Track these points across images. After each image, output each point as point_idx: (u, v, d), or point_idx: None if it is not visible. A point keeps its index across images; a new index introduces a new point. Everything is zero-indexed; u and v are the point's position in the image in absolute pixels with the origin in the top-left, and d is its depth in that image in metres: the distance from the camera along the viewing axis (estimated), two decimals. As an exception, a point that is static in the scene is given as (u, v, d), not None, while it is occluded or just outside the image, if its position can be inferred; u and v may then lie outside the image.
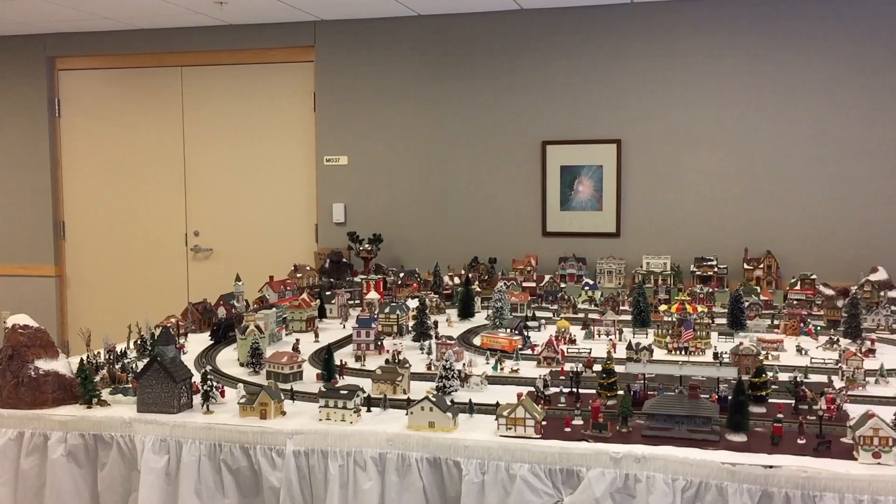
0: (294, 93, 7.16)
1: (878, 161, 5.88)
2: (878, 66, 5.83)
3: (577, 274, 6.12)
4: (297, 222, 7.25)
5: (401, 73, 6.80)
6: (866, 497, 2.56)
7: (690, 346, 4.17)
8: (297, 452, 3.05)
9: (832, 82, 5.93)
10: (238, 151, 7.33)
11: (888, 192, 5.87)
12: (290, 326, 4.82)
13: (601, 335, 4.58)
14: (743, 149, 6.13)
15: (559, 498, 2.83)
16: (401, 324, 4.67)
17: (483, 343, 4.32)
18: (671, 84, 6.24)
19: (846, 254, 5.90)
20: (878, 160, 5.88)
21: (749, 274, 5.85)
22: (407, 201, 6.87)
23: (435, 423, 3.02)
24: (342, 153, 6.98)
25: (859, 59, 5.86)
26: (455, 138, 6.73)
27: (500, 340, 4.24)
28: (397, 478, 2.98)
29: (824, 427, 2.90)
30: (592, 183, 6.44)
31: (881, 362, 3.75)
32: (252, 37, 7.07)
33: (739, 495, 2.66)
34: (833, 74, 5.92)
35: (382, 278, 5.93)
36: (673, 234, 6.27)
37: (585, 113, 6.43)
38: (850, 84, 5.89)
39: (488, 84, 6.62)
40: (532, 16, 6.46)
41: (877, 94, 5.85)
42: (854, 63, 5.87)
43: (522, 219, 6.62)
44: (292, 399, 3.40)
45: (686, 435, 2.88)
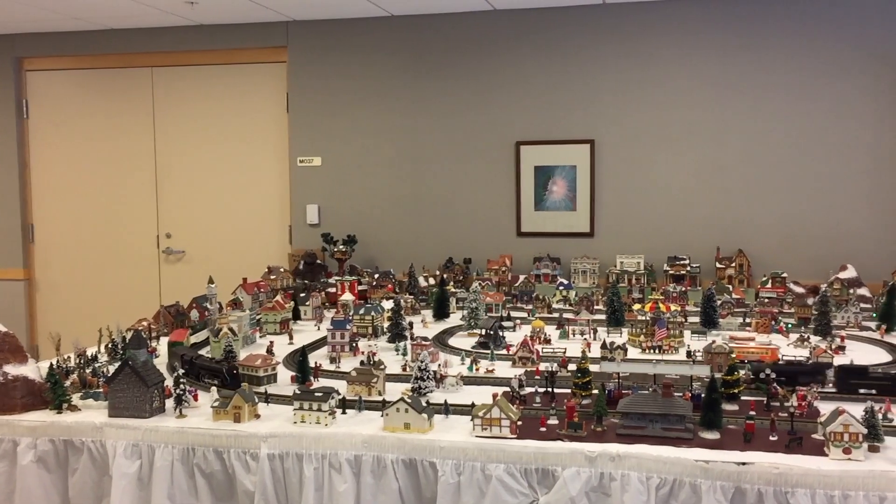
0: (267, 93, 7.11)
1: (847, 161, 5.96)
2: (847, 67, 5.91)
3: (552, 274, 6.14)
4: (271, 224, 7.20)
5: (374, 73, 6.78)
6: (837, 492, 2.59)
7: (664, 344, 4.20)
8: (271, 456, 3.03)
9: (802, 83, 6.00)
10: (210, 153, 7.27)
11: (856, 191, 5.96)
12: (265, 329, 4.79)
13: (576, 335, 4.60)
14: (715, 149, 6.19)
15: (535, 498, 2.84)
16: (376, 325, 4.66)
17: (738, 356, 3.80)
18: (644, 84, 6.28)
19: (816, 252, 5.98)
20: (846, 160, 5.96)
21: (721, 273, 5.90)
22: (381, 202, 6.85)
23: (410, 425, 3.01)
24: (316, 154, 6.95)
25: (829, 59, 5.94)
26: (429, 139, 6.73)
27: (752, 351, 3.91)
28: (373, 479, 2.97)
29: (796, 424, 2.93)
30: (566, 183, 6.47)
31: (851, 359, 3.79)
32: (223, 37, 7.01)
33: (713, 492, 2.68)
34: (803, 75, 5.99)
35: (357, 280, 5.92)
36: (646, 233, 6.31)
37: (559, 113, 6.45)
38: (819, 85, 5.97)
39: (462, 85, 6.62)
40: (505, 16, 6.47)
41: (846, 94, 5.93)
42: (824, 64, 5.95)
43: (497, 219, 6.63)
44: (266, 402, 3.37)
45: (660, 433, 2.90)
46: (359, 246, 6.67)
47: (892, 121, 5.86)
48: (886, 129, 5.87)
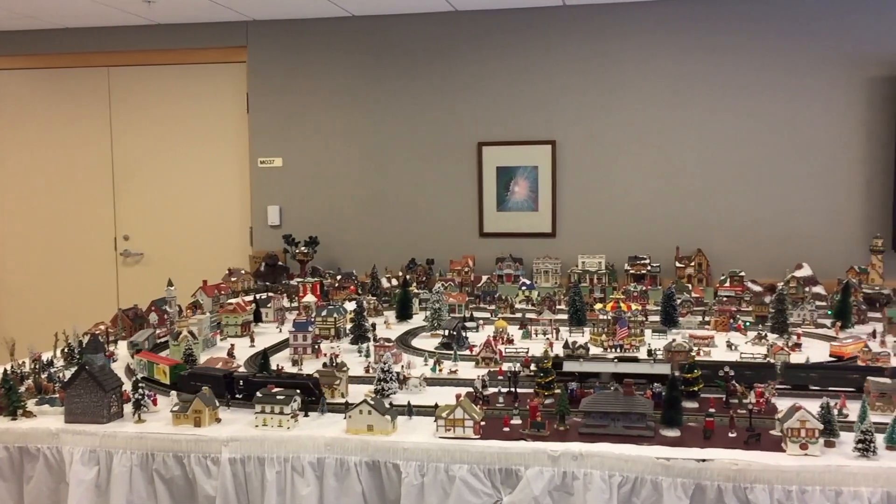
0: (226, 94, 7.04)
1: (802, 161, 6.07)
2: (801, 69, 6.02)
3: (514, 274, 6.16)
4: (231, 225, 7.13)
5: (335, 74, 6.75)
6: (794, 487, 2.64)
7: (625, 343, 4.24)
8: (232, 460, 3.00)
9: (758, 85, 6.10)
10: (168, 153, 7.17)
11: (811, 190, 6.07)
12: (225, 331, 4.73)
13: (538, 334, 4.62)
14: (674, 149, 6.26)
15: (498, 498, 2.84)
16: (338, 327, 4.63)
17: (833, 351, 3.96)
18: (604, 86, 6.33)
19: (773, 251, 6.08)
20: (801, 160, 6.07)
21: (681, 272, 5.97)
22: (343, 203, 6.82)
23: (374, 427, 3.00)
24: (276, 155, 6.89)
25: (785, 62, 6.04)
26: (391, 139, 6.71)
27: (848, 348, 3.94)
28: (336, 482, 2.95)
29: (754, 420, 2.98)
30: (528, 184, 6.50)
31: (807, 356, 3.87)
32: (182, 36, 6.92)
33: (674, 489, 2.71)
34: (759, 77, 6.09)
35: (319, 281, 5.88)
36: (607, 233, 6.37)
37: (520, 114, 6.48)
38: (774, 87, 6.07)
39: (424, 85, 6.62)
40: (466, 17, 6.48)
41: (799, 96, 6.04)
42: (780, 66, 6.05)
43: (459, 220, 6.64)
44: (227, 405, 3.34)
45: (622, 431, 2.93)
46: (321, 247, 6.63)
47: (846, 122, 5.98)
48: (841, 131, 5.99)
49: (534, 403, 3.06)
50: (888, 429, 2.76)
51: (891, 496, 2.60)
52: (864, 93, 5.94)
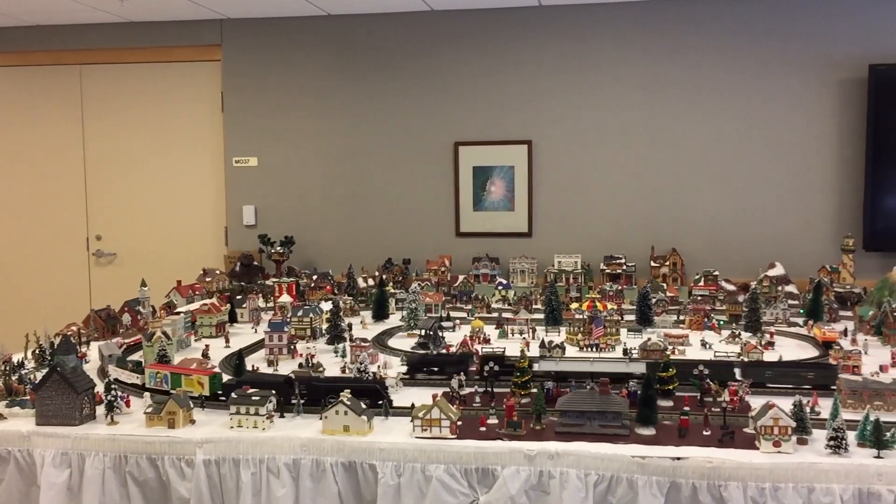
0: (201, 92, 6.98)
1: (775, 162, 6.13)
2: (774, 71, 6.08)
3: (491, 274, 6.17)
4: (206, 225, 7.07)
5: (311, 73, 6.72)
6: (768, 485, 2.66)
7: (601, 342, 4.26)
8: (207, 462, 2.98)
9: (731, 86, 6.15)
10: (142, 152, 7.10)
11: (783, 190, 6.13)
12: (200, 332, 4.70)
13: (515, 334, 4.63)
14: (648, 150, 6.30)
15: (475, 497, 2.85)
16: (314, 327, 4.61)
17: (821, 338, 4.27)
18: (580, 86, 6.36)
19: (746, 251, 6.13)
20: (774, 161, 6.13)
21: (655, 271, 6.01)
22: (319, 203, 6.79)
23: (350, 427, 2.99)
24: (252, 154, 6.85)
25: (757, 63, 6.10)
26: (367, 139, 6.69)
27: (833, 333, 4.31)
28: (312, 483, 2.94)
29: (728, 418, 3.00)
30: (504, 183, 6.51)
31: (780, 354, 3.91)
32: (155, 35, 6.85)
33: (649, 487, 2.73)
34: (733, 78, 6.14)
35: (295, 281, 5.85)
36: (583, 233, 6.40)
37: (497, 114, 6.49)
38: (748, 88, 6.13)
39: (400, 85, 6.61)
40: (443, 17, 6.48)
41: (773, 97, 6.10)
42: (752, 67, 6.11)
43: (436, 219, 6.63)
44: (202, 407, 3.31)
45: (598, 430, 2.94)
46: (297, 247, 6.60)
47: (818, 123, 6.05)
48: (812, 131, 6.06)
49: (510, 403, 3.06)
50: (859, 426, 2.80)
51: (862, 493, 2.63)
52: (835, 94, 6.01)
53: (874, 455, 2.70)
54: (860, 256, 5.80)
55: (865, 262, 5.84)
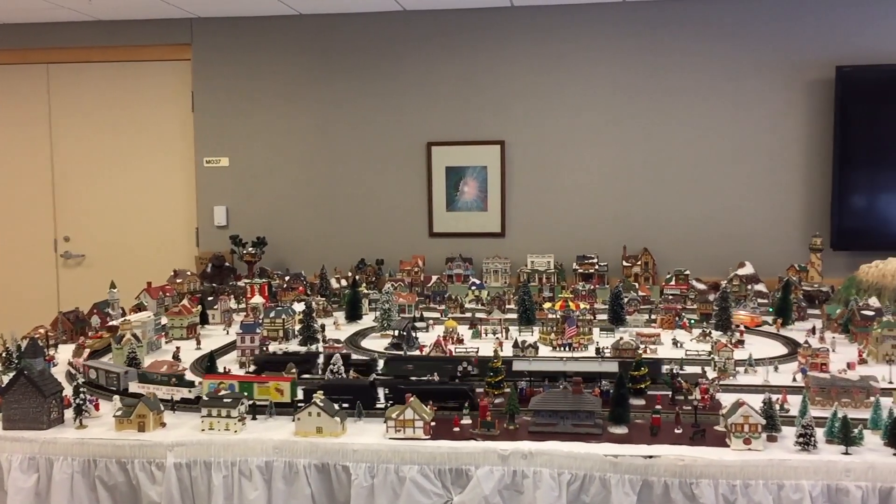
0: (170, 92, 6.91)
1: (744, 162, 6.20)
2: (743, 72, 6.15)
3: (464, 274, 6.17)
4: (177, 226, 7.00)
5: (283, 72, 6.68)
6: (738, 482, 2.69)
7: (574, 342, 4.28)
8: (178, 465, 2.95)
9: (702, 87, 6.21)
10: (111, 153, 7.01)
11: (753, 190, 6.20)
12: (170, 334, 4.65)
13: (488, 334, 4.64)
14: (620, 150, 6.34)
15: (449, 498, 2.84)
16: (287, 328, 4.58)
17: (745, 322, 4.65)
18: (552, 86, 6.38)
19: (716, 250, 6.19)
20: (743, 161, 6.20)
21: (628, 271, 6.05)
22: (291, 203, 6.75)
23: (323, 429, 2.97)
24: (223, 154, 6.79)
25: (726, 65, 6.16)
26: (340, 139, 6.67)
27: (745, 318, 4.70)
28: (284, 486, 2.92)
29: (699, 416, 3.03)
30: (477, 184, 6.52)
31: (749, 352, 3.95)
32: (124, 33, 6.77)
33: (622, 486, 2.74)
34: (703, 80, 6.20)
35: (267, 282, 5.81)
36: (556, 233, 6.42)
37: (469, 114, 6.50)
38: (718, 89, 6.19)
39: (372, 85, 6.59)
40: (415, 17, 6.47)
41: (742, 98, 6.17)
42: (722, 69, 6.17)
43: (409, 220, 6.62)
44: (173, 410, 3.27)
45: (570, 429, 2.95)
46: (269, 248, 6.56)
47: (785, 123, 6.13)
48: (780, 131, 6.14)
49: (483, 403, 3.06)
50: (827, 423, 2.84)
51: (831, 489, 2.67)
52: (803, 95, 6.09)
53: (842, 451, 2.74)
54: (828, 255, 5.88)
55: (833, 261, 5.93)
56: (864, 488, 2.65)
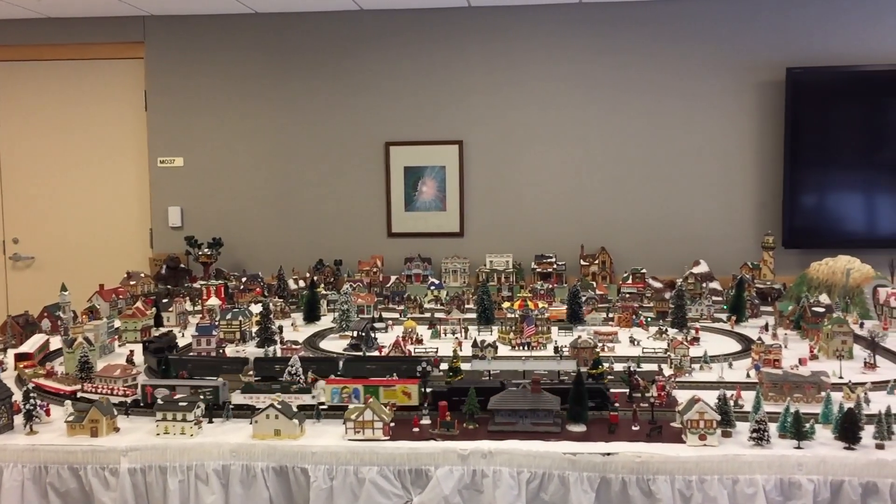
0: (123, 91, 6.78)
1: (699, 162, 6.29)
2: (697, 73, 6.24)
3: (423, 274, 6.17)
4: (130, 227, 6.88)
5: (238, 71, 6.60)
6: (694, 477, 2.73)
7: (532, 341, 4.30)
8: (132, 470, 2.90)
9: (657, 88, 6.28)
10: (62, 153, 6.86)
11: (707, 190, 6.30)
12: (124, 337, 4.57)
13: (447, 334, 4.64)
14: (578, 150, 6.39)
15: (408, 498, 2.84)
16: (244, 330, 4.53)
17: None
18: (510, 86, 6.41)
19: (672, 248, 6.27)
20: (698, 161, 6.29)
21: (585, 270, 6.10)
22: (248, 204, 6.68)
23: (281, 431, 2.95)
24: (177, 154, 6.69)
25: (681, 66, 6.24)
26: (297, 139, 6.61)
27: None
28: (242, 489, 2.89)
29: (656, 413, 3.06)
30: (436, 183, 6.52)
31: (705, 350, 4.01)
32: (75, 31, 6.63)
33: (580, 483, 2.76)
34: (658, 80, 6.28)
35: (224, 284, 5.74)
36: (514, 232, 6.45)
37: (428, 114, 6.49)
38: (673, 90, 6.27)
39: (330, 85, 6.55)
40: (372, 16, 6.45)
41: (696, 99, 6.25)
42: (676, 69, 6.25)
43: (367, 220, 6.60)
44: (127, 414, 3.22)
45: (530, 428, 2.97)
46: (225, 249, 6.48)
47: (738, 123, 6.23)
48: (733, 132, 6.24)
49: (443, 403, 3.06)
50: (780, 418, 2.89)
51: (783, 483, 2.72)
52: (755, 96, 6.20)
53: (795, 446, 2.79)
54: (780, 253, 5.99)
55: (785, 259, 6.04)
56: (815, 482, 2.70)
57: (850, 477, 2.70)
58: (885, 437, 2.79)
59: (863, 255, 5.37)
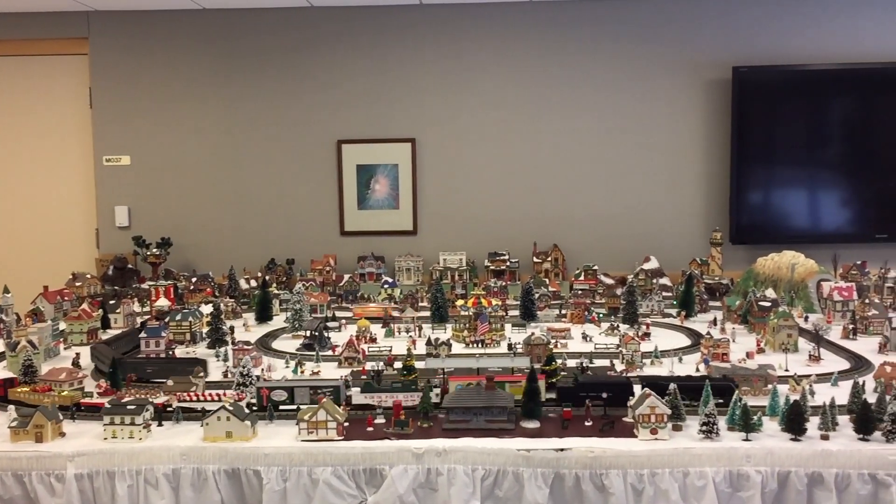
0: (67, 87, 6.62)
1: (648, 159, 6.37)
2: (646, 72, 6.31)
3: (376, 272, 6.15)
4: (75, 227, 6.72)
5: (187, 69, 6.49)
6: (646, 471, 2.76)
7: (486, 338, 4.31)
8: (79, 476, 2.83)
9: (607, 86, 6.35)
10: (3, 151, 6.68)
11: (656, 187, 6.38)
12: (69, 340, 4.46)
13: (401, 332, 4.63)
14: (530, 148, 6.42)
15: (363, 498, 2.82)
16: (194, 331, 4.46)
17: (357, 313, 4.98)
18: (462, 84, 6.41)
19: (623, 245, 6.34)
20: (647, 158, 6.37)
21: (538, 267, 6.14)
22: (197, 203, 6.58)
23: (232, 433, 2.91)
24: (124, 152, 6.56)
25: (630, 64, 6.32)
26: (247, 137, 6.53)
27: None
28: (193, 493, 2.85)
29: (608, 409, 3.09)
30: (389, 182, 6.49)
31: (655, 344, 4.06)
32: (16, 27, 6.44)
33: (534, 479, 2.78)
34: (607, 78, 6.34)
35: (173, 284, 5.65)
36: (467, 230, 6.46)
37: (380, 112, 6.46)
38: (622, 88, 6.34)
39: (281, 82, 6.48)
40: (323, 14, 6.39)
41: (645, 97, 6.33)
42: (625, 68, 6.32)
43: (320, 218, 6.55)
44: (73, 418, 3.14)
45: (484, 426, 2.97)
46: (174, 248, 6.38)
47: (686, 122, 6.33)
48: (682, 130, 6.34)
49: (397, 402, 3.05)
50: (729, 411, 2.94)
51: (732, 474, 2.77)
52: (702, 95, 6.30)
53: (743, 438, 2.84)
54: (727, 249, 6.10)
55: (732, 255, 6.16)
56: (763, 473, 2.76)
57: (797, 468, 2.76)
58: (830, 428, 2.85)
59: (807, 250, 5.50)
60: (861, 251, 5.91)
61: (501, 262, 6.07)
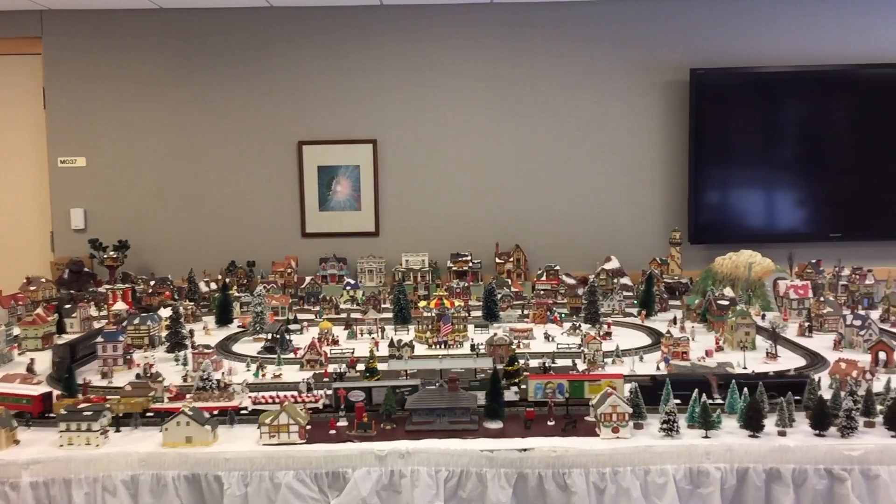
0: (19, 88, 6.48)
1: (608, 160, 6.43)
2: (606, 73, 6.37)
3: (338, 274, 6.12)
4: (29, 230, 6.58)
5: (143, 69, 6.40)
6: (608, 469, 2.78)
7: (449, 339, 4.31)
8: (34, 484, 2.77)
9: (568, 87, 6.40)
10: (-46, 152, 6.53)
11: (616, 187, 6.45)
12: (24, 345, 4.37)
13: (364, 334, 4.61)
14: (491, 149, 6.44)
15: (326, 502, 2.80)
16: (153, 335, 4.40)
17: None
18: (423, 85, 6.41)
19: (584, 245, 6.40)
20: (608, 159, 6.43)
21: (501, 267, 6.16)
22: (156, 205, 6.48)
23: (192, 438, 2.86)
24: (79, 154, 6.44)
25: (591, 66, 6.37)
26: (206, 138, 6.45)
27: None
28: (152, 499, 2.80)
29: (570, 408, 3.11)
30: (350, 183, 6.46)
31: (617, 344, 4.10)
32: (-34, 24, 6.32)
33: (497, 480, 2.78)
34: (569, 80, 6.39)
35: (131, 287, 5.56)
36: (430, 231, 6.46)
37: (341, 113, 6.43)
38: (583, 89, 6.39)
39: (240, 83, 6.41)
40: (283, 14, 6.34)
41: (605, 98, 6.39)
42: (586, 69, 6.38)
43: (281, 220, 6.49)
44: (28, 425, 3.07)
45: (447, 427, 2.97)
46: (132, 251, 6.28)
47: (645, 123, 6.40)
48: (641, 131, 6.41)
49: (360, 404, 3.04)
50: (689, 409, 2.97)
51: (692, 471, 2.80)
52: (661, 96, 6.38)
53: (702, 435, 2.88)
54: (686, 249, 6.19)
55: (691, 254, 6.24)
56: (722, 469, 2.79)
57: (755, 464, 2.80)
58: (787, 424, 2.90)
59: (763, 249, 5.59)
60: (816, 250, 6.04)
61: (464, 263, 6.08)
